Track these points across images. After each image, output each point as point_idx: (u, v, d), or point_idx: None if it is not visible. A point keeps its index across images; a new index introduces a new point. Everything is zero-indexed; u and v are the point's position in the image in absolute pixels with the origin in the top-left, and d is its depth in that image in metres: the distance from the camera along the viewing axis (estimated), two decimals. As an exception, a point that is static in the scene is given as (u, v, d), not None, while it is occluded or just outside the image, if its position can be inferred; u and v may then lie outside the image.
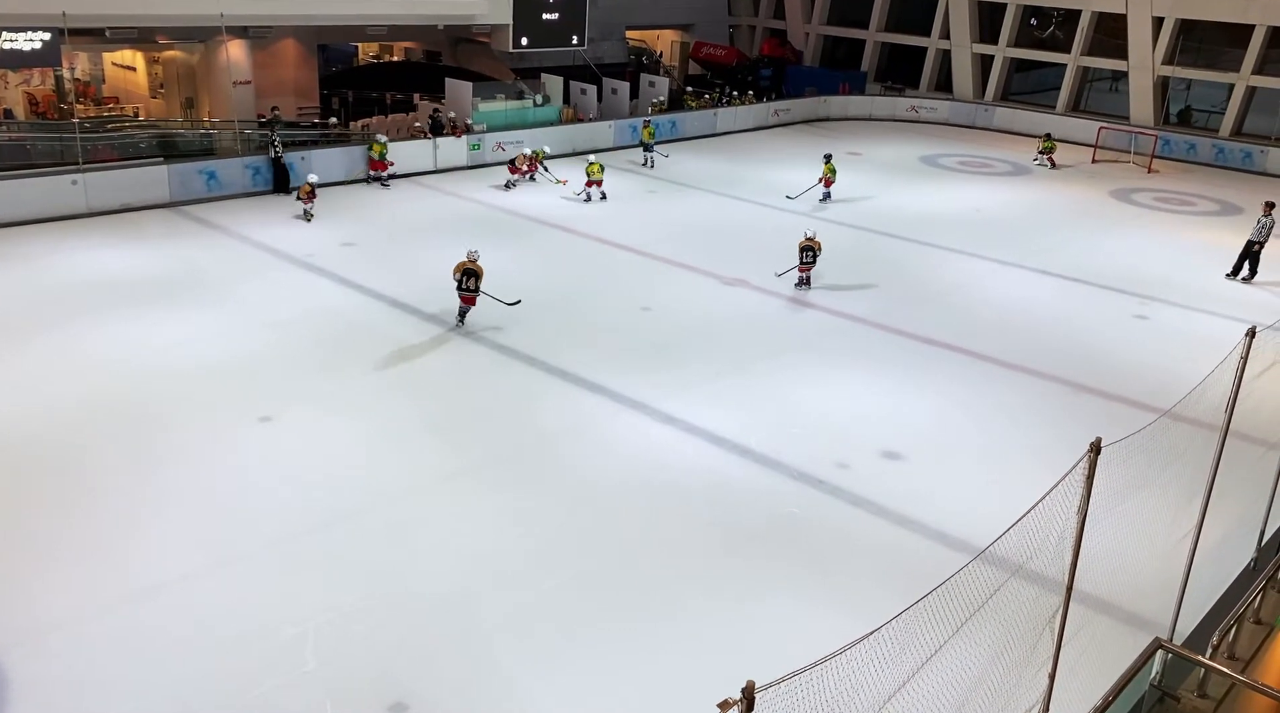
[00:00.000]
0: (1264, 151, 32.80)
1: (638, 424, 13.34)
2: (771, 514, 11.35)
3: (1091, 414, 13.91)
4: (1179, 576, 8.72)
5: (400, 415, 13.21)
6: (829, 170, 25.51)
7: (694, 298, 18.30)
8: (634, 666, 8.86)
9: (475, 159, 27.55)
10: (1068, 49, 37.35)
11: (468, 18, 30.97)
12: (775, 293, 18.53)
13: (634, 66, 39.03)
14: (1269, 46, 32.82)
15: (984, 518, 9.55)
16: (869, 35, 42.02)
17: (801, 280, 18.68)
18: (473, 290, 16.04)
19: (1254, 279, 20.72)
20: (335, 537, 10.48)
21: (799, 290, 18.58)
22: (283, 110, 28.63)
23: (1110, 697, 6.86)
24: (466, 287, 16.00)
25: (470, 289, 16.03)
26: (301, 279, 18.20)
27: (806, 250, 18.50)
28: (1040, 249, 22.35)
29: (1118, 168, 32.07)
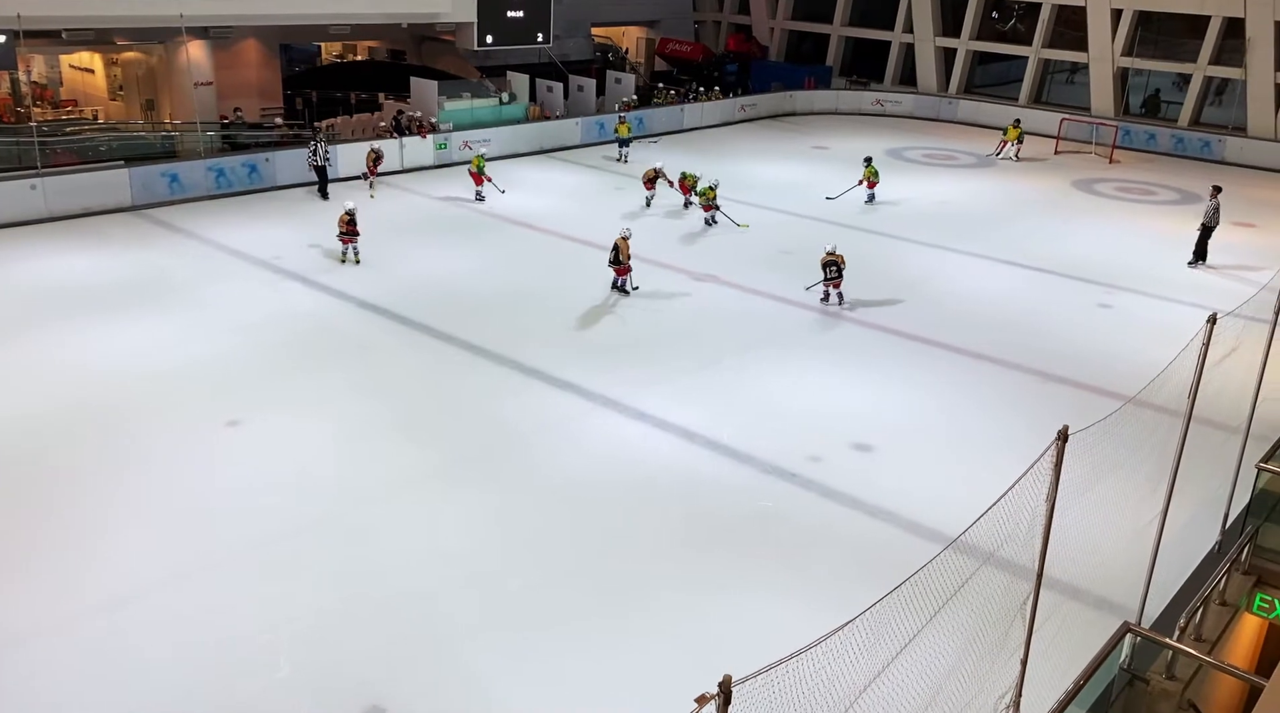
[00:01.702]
0: (1222, 141, 33.31)
1: (609, 421, 13.34)
2: (744, 508, 11.39)
3: (1059, 403, 14.08)
4: (1146, 560, 8.85)
5: (370, 417, 13.12)
6: (871, 173, 25.18)
7: (664, 294, 18.31)
8: (610, 663, 8.86)
9: (442, 158, 27.39)
10: (1029, 42, 37.72)
11: (431, 16, 30.77)
12: (745, 288, 18.58)
13: (600, 63, 38.96)
14: (1225, 37, 33.33)
15: (955, 508, 9.65)
16: (833, 30, 42.21)
17: (827, 295, 17.88)
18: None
19: (1202, 263, 21.03)
20: (306, 540, 10.40)
21: (826, 306, 17.83)
22: (245, 111, 28.33)
23: (1081, 681, 6.96)
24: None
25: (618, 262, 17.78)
26: (268, 281, 18.02)
27: (830, 265, 17.65)
28: (1005, 240, 22.57)
29: (1080, 158, 32.44)
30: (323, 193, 23.48)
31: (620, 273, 17.89)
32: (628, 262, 17.74)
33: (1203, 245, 21.27)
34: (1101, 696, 7.51)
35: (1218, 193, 21.38)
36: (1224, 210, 21.47)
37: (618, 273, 17.92)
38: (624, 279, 17.95)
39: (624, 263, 17.73)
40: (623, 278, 17.95)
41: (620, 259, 17.70)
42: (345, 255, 18.88)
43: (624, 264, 17.75)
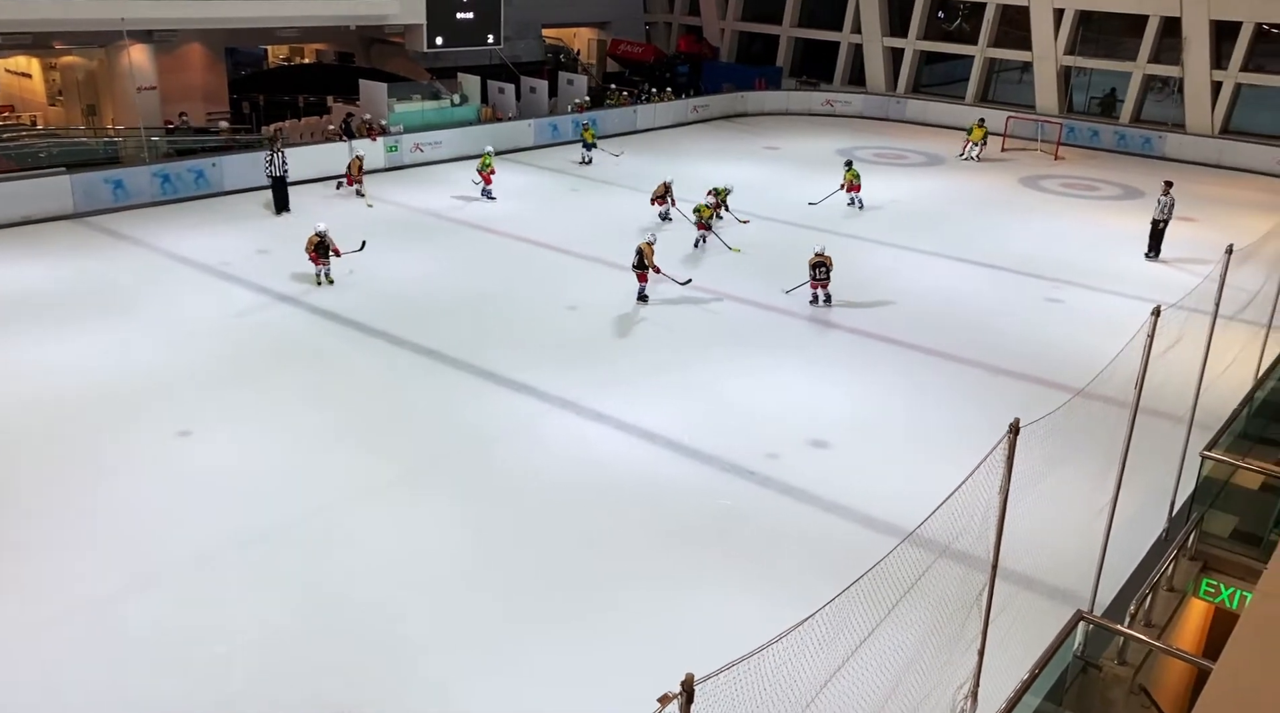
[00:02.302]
0: (1162, 137, 34.09)
1: (568, 423, 13.31)
2: (704, 507, 11.43)
3: (1010, 396, 14.30)
4: (1097, 548, 9.03)
5: (324, 424, 12.96)
6: (852, 176, 24.91)
7: (621, 295, 18.30)
8: (572, 666, 8.84)
9: (393, 161, 27.15)
10: (975, 41, 38.32)
11: (380, 18, 30.51)
12: (701, 288, 18.64)
13: (552, 65, 38.89)
14: (1163, 36, 34.11)
15: (911, 501, 9.74)
16: (783, 31, 42.53)
17: (815, 297, 17.91)
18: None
19: (1158, 257, 21.57)
20: (261, 552, 10.25)
21: (814, 307, 17.83)
22: (191, 116, 27.88)
23: (1037, 669, 7.07)
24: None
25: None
26: (217, 288, 17.72)
27: (819, 266, 17.72)
28: (956, 237, 22.88)
29: (1026, 156, 33.01)
30: (281, 206, 22.43)
31: (641, 279, 17.72)
32: (651, 267, 17.62)
33: (1157, 240, 21.73)
34: (1056, 683, 7.64)
35: (1170, 188, 21.87)
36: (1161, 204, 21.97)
37: (640, 279, 17.74)
38: (643, 286, 17.77)
39: (646, 268, 17.58)
40: (642, 284, 17.76)
41: (644, 264, 17.56)
42: (320, 278, 18.03)
43: (646, 270, 17.59)
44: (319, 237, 17.85)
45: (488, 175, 24.26)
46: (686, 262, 20.33)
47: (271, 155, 22.22)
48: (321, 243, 17.84)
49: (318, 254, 17.79)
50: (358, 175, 23.99)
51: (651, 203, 23.01)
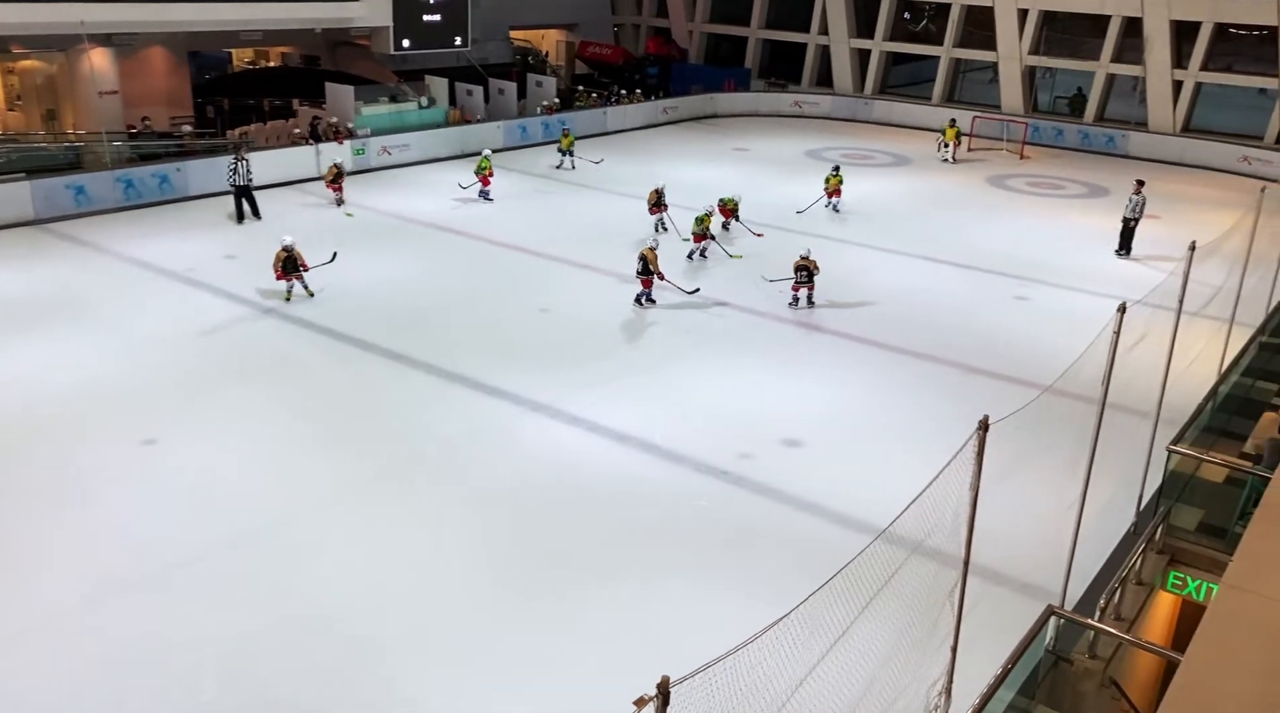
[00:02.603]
0: (1125, 135, 34.55)
1: (541, 426, 13.27)
2: (679, 508, 11.43)
3: (980, 394, 14.42)
4: (1067, 543, 9.11)
5: (294, 431, 12.83)
6: (838, 181, 24.85)
7: (592, 297, 18.29)
8: (548, 670, 8.80)
9: (360, 164, 26.95)
10: (940, 42, 38.66)
11: (345, 20, 30.29)
12: (673, 289, 18.65)
13: (520, 67, 38.80)
14: (1125, 35, 34.58)
15: (884, 499, 9.79)
16: (750, 32, 42.69)
17: (795, 299, 17.89)
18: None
19: (1129, 255, 21.82)
20: (230, 559, 10.12)
21: (793, 309, 17.82)
22: (154, 120, 27.52)
23: (1009, 664, 7.12)
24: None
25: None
26: (183, 294, 17.51)
27: (801, 269, 17.77)
28: (924, 237, 23.05)
29: (992, 155, 33.33)
30: (242, 214, 21.81)
31: (646, 285, 17.56)
32: (656, 273, 17.42)
33: (1127, 238, 21.96)
34: (1029, 678, 7.70)
35: (1141, 187, 22.16)
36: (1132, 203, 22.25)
37: (644, 285, 17.57)
38: (646, 292, 17.63)
39: (651, 274, 17.41)
40: (646, 289, 17.62)
41: (648, 270, 17.39)
42: (290, 293, 17.17)
43: (651, 275, 17.43)
44: (286, 251, 16.97)
45: (485, 177, 24.19)
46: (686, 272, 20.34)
47: (236, 163, 21.58)
48: (290, 258, 16.99)
49: (285, 271, 16.98)
50: (330, 182, 23.38)
51: (650, 212, 22.21)
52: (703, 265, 20.24)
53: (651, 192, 22.40)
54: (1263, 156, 31.40)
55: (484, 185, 24.28)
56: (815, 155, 32.35)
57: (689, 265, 20.16)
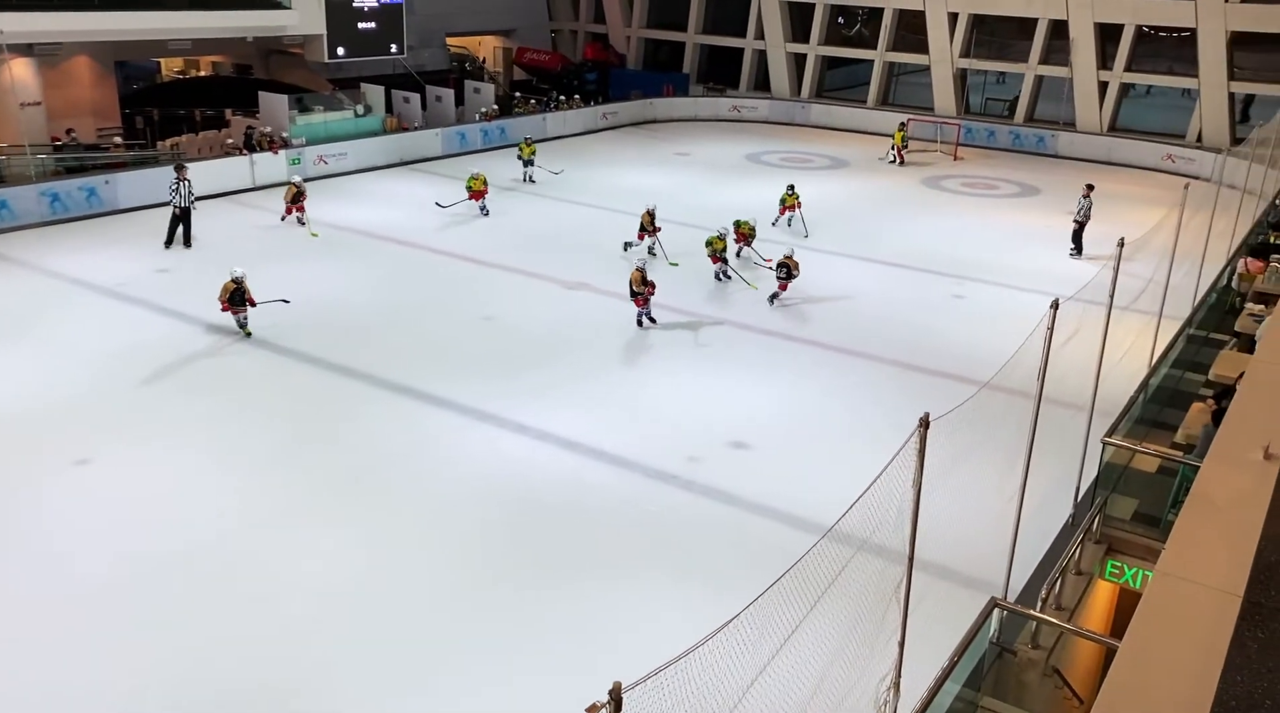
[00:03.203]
0: (1055, 136, 35.42)
1: (488, 436, 13.18)
2: (629, 513, 11.43)
3: (920, 391, 14.65)
4: (1009, 536, 9.28)
5: (233, 448, 12.58)
6: (794, 199, 24.09)
7: (536, 305, 18.22)
8: (500, 678, 8.74)
9: (296, 174, 26.55)
10: (874, 46, 39.26)
11: (277, 29, 29.81)
12: (618, 295, 18.65)
13: (457, 73, 38.56)
14: (1051, 38, 35.45)
15: (830, 498, 9.87)
16: (688, 38, 42.94)
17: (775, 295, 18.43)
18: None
19: (1079, 255, 22.11)
20: (169, 581, 9.88)
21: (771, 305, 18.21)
22: (80, 132, 26.82)
23: (955, 657, 7.23)
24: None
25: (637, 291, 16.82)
26: (114, 310, 17.07)
27: (782, 266, 18.23)
28: (863, 238, 23.37)
29: (927, 157, 33.92)
30: (172, 239, 20.42)
31: (639, 304, 16.95)
32: (646, 292, 16.79)
33: (1078, 239, 22.36)
34: (974, 670, 7.82)
35: (1091, 191, 22.56)
36: (1060, 202, 22.79)
37: (637, 304, 16.97)
38: (643, 311, 17.03)
39: (640, 294, 16.80)
40: (641, 309, 17.01)
41: (636, 291, 16.78)
42: (246, 328, 16.04)
43: (640, 295, 16.81)
44: (235, 283, 15.69)
45: (480, 192, 23.61)
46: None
47: (178, 184, 20.14)
48: (238, 291, 15.75)
49: (231, 303, 15.71)
50: (290, 203, 22.23)
51: (640, 237, 21.20)
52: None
53: (644, 213, 21.21)
54: (1185, 155, 32.39)
55: (476, 200, 23.65)
56: (755, 159, 32.63)
57: (717, 287, 19.52)
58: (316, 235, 21.68)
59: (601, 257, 21.01)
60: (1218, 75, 32.46)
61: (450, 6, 38.15)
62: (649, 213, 21.20)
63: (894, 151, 32.71)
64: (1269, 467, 5.96)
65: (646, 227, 21.14)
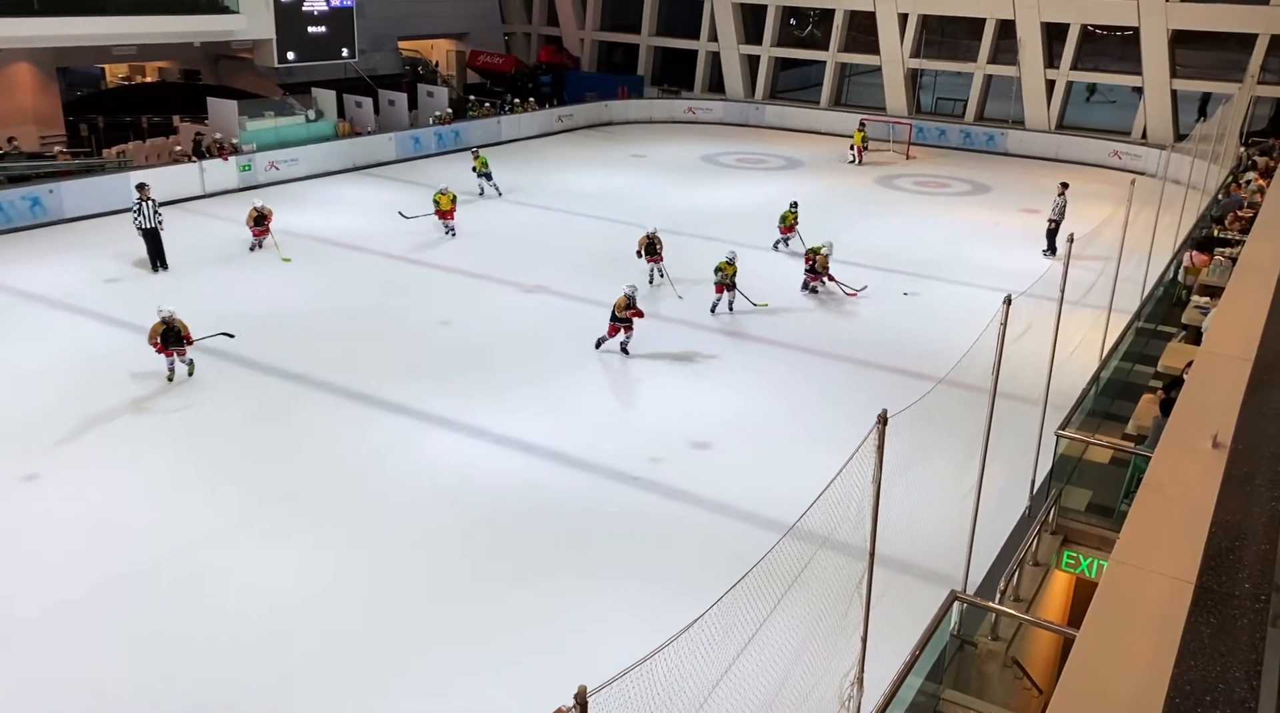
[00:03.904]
0: (1004, 134, 35.97)
1: (446, 441, 13.08)
2: (591, 515, 11.40)
3: (877, 388, 14.78)
4: (967, 529, 9.39)
5: (186, 461, 12.36)
6: (792, 217, 22.74)
7: (494, 308, 18.13)
8: (464, 692, 8.67)
9: (247, 180, 26.20)
10: (826, 47, 39.60)
11: (225, 33, 29.35)
12: (575, 297, 18.63)
13: (410, 77, 38.27)
14: (1000, 38, 36.01)
15: (791, 496, 9.93)
16: (642, 40, 43.02)
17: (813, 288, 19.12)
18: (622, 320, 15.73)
19: (1053, 254, 22.00)
20: (124, 599, 9.68)
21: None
22: (21, 140, 26.19)
23: (917, 651, 7.30)
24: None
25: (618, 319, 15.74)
26: (61, 322, 16.71)
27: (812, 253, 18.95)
28: (818, 238, 23.48)
29: (879, 156, 34.26)
30: (158, 262, 19.37)
31: (611, 332, 15.87)
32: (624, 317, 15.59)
33: (1052, 238, 22.44)
34: (936, 663, 7.90)
35: (1065, 189, 22.66)
36: (1011, 199, 23.07)
37: (610, 331, 15.91)
38: (621, 337, 15.88)
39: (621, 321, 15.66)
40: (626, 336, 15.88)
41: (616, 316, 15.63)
42: (173, 373, 14.51)
43: (621, 322, 15.69)
44: (165, 323, 14.15)
45: (448, 212, 22.15)
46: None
47: (140, 205, 18.96)
48: (169, 330, 14.19)
49: (164, 344, 14.31)
50: (253, 226, 20.78)
51: (642, 256, 19.31)
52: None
53: (641, 238, 19.48)
54: (1131, 151, 33.05)
55: (446, 220, 22.22)
56: (711, 160, 32.75)
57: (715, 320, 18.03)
58: (288, 260, 20.28)
59: (558, 259, 20.96)
60: (1161, 73, 33.17)
61: (402, 10, 37.88)
62: (648, 238, 19.32)
63: (854, 151, 33.04)
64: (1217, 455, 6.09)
65: (643, 252, 19.30)
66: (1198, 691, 3.76)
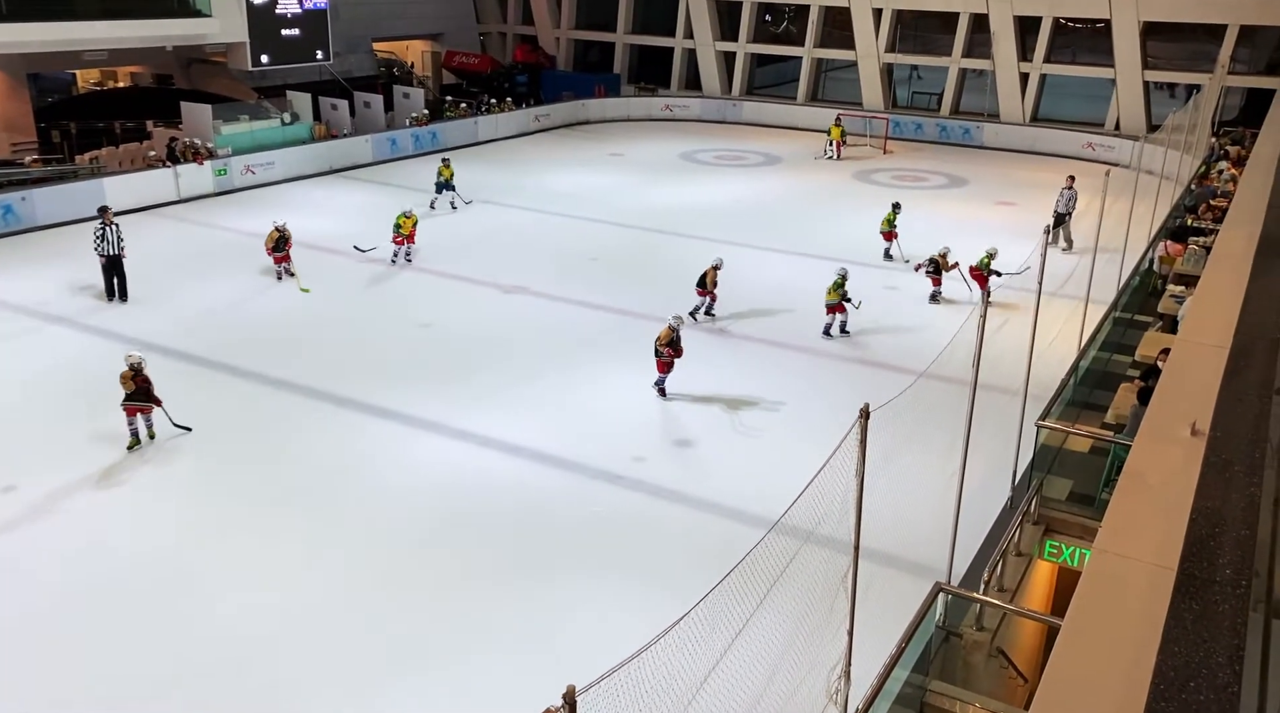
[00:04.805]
0: (980, 127, 36.17)
1: (431, 444, 13.03)
2: (575, 515, 11.39)
3: (859, 382, 14.84)
4: (950, 521, 9.45)
5: (165, 469, 12.25)
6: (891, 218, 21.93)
7: (475, 310, 18.08)
8: (454, 686, 8.65)
9: (222, 185, 26.01)
10: (802, 42, 39.68)
11: (197, 37, 29.13)
12: (554, 297, 18.60)
13: (385, 79, 38.09)
14: (974, 32, 36.18)
15: (775, 492, 9.97)
16: (618, 38, 42.97)
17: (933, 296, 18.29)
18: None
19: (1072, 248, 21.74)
20: (100, 610, 9.59)
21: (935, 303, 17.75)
22: (-7, 148, 25.93)
23: (903, 643, 7.34)
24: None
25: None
26: (35, 330, 16.53)
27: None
28: (797, 233, 23.60)
29: (857, 151, 34.36)
30: (112, 291, 17.75)
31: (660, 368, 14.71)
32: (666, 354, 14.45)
33: (1066, 230, 22.20)
34: (922, 654, 7.95)
35: (1073, 182, 22.46)
36: (987, 192, 23.13)
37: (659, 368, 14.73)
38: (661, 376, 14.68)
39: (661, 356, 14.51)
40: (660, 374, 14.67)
41: (658, 351, 14.49)
42: (137, 437, 12.59)
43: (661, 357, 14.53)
44: (134, 370, 12.24)
45: (404, 236, 20.41)
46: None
47: (103, 230, 17.44)
48: (139, 388, 12.22)
49: (134, 403, 12.37)
50: (272, 251, 19.21)
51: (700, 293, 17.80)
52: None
53: (710, 270, 17.71)
54: (1105, 142, 33.30)
55: (399, 244, 20.47)
56: (689, 157, 32.77)
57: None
58: (308, 291, 18.66)
59: (538, 260, 20.92)
60: (1133, 64, 33.43)
61: (376, 11, 37.70)
62: (715, 268, 17.73)
63: (833, 147, 33.14)
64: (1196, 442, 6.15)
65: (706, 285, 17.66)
66: (1181, 676, 3.79)
